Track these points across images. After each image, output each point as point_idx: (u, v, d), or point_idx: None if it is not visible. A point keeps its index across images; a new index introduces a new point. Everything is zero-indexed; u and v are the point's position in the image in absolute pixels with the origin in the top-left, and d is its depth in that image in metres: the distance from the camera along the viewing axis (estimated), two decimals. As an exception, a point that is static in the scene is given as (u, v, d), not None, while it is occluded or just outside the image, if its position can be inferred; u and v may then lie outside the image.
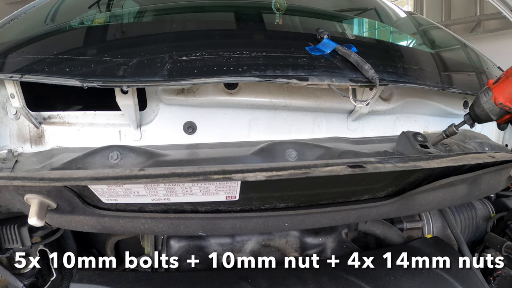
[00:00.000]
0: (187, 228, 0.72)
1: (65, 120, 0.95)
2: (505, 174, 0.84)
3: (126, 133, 0.94)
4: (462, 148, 1.01)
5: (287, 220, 0.75)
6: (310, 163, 0.57)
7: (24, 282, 0.86)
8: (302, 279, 0.77)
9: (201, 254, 0.90)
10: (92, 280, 0.74)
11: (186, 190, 0.61)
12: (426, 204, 0.81)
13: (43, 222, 0.58)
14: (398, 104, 1.05)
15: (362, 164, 0.57)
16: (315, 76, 0.84)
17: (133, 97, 0.84)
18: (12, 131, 0.95)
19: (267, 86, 0.95)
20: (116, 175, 0.53)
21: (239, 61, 0.85)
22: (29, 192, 0.60)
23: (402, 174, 0.71)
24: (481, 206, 1.13)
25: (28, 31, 1.13)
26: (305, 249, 0.95)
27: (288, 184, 0.64)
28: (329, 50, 0.95)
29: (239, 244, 0.93)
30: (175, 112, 0.94)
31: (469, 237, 1.11)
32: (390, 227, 1.00)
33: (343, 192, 0.74)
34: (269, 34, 1.14)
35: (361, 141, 1.00)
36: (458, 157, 0.66)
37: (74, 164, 0.80)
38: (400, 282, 0.78)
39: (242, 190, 0.63)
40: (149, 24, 1.22)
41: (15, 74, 0.81)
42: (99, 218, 0.69)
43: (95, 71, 0.84)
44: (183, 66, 0.84)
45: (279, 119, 0.99)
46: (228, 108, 0.96)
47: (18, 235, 0.84)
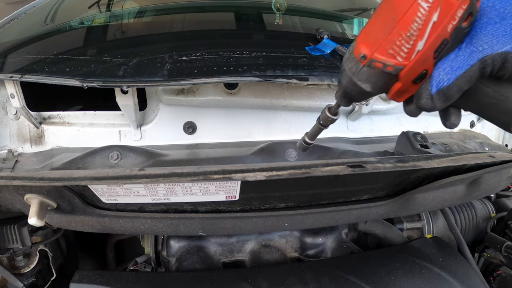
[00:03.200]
0: (187, 228, 0.72)
1: (65, 120, 0.95)
2: (505, 174, 0.84)
3: (126, 133, 0.94)
4: (462, 148, 1.01)
5: (287, 220, 0.75)
6: (310, 163, 0.57)
7: (24, 282, 0.86)
8: (302, 279, 0.77)
9: (201, 254, 0.90)
10: (92, 280, 0.74)
11: (186, 190, 0.61)
12: (426, 204, 0.81)
13: (43, 222, 0.58)
14: (398, 104, 1.05)
15: (362, 164, 0.57)
16: (315, 76, 0.84)
17: (133, 97, 0.84)
18: (12, 131, 0.95)
19: (267, 86, 0.95)
20: (116, 175, 0.53)
21: (239, 61, 0.85)
22: (29, 192, 0.60)
23: (402, 174, 0.71)
24: (481, 206, 1.13)
25: (28, 31, 1.13)
26: (305, 249, 0.95)
27: (288, 184, 0.64)
28: (329, 50, 0.95)
29: (239, 244, 0.93)
30: (175, 112, 0.94)
31: (469, 237, 1.11)
32: (390, 227, 1.00)
33: (343, 192, 0.74)
34: (269, 34, 1.14)
35: (361, 141, 1.00)
36: (458, 157, 0.66)
37: (74, 164, 0.80)
38: (400, 282, 0.78)
39: (242, 190, 0.63)
40: (149, 24, 1.22)
41: (15, 74, 0.81)
42: (99, 218, 0.69)
43: (95, 71, 0.84)
44: (183, 66, 0.84)
45: (279, 119, 0.99)
46: (228, 108, 0.96)
47: (18, 235, 0.84)
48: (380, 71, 0.41)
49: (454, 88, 0.40)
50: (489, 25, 0.39)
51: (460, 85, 0.40)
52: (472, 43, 0.39)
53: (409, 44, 0.38)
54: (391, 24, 0.38)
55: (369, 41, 0.41)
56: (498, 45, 0.38)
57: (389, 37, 0.39)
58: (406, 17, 0.37)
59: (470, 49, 0.39)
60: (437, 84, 0.40)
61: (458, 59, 0.39)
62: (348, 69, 0.44)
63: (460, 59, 0.39)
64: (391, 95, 0.44)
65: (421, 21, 0.37)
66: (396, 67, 0.40)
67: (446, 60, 0.40)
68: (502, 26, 0.38)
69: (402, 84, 0.42)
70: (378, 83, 0.43)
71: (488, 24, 0.39)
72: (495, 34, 0.38)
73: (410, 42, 0.38)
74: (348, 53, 0.44)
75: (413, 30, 0.37)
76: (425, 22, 0.37)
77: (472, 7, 0.37)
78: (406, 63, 0.40)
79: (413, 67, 0.40)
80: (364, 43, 0.42)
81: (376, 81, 0.42)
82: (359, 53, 0.42)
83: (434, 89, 0.40)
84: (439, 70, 0.40)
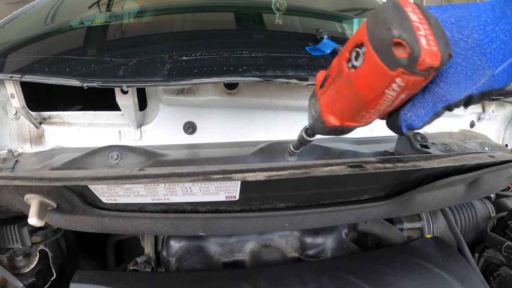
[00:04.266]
0: (187, 228, 0.72)
1: (65, 120, 0.95)
2: (505, 174, 0.84)
3: (126, 133, 0.94)
4: (462, 148, 1.01)
5: (287, 220, 0.75)
6: (310, 163, 0.57)
7: (24, 282, 0.86)
8: (302, 279, 0.77)
9: (201, 254, 0.90)
10: (92, 280, 0.74)
11: (186, 190, 0.61)
12: (426, 204, 0.81)
13: (43, 222, 0.58)
14: (398, 104, 1.05)
15: (362, 164, 0.57)
16: (315, 76, 0.84)
17: (133, 97, 0.84)
18: (12, 131, 0.95)
19: (267, 86, 0.95)
20: (116, 175, 0.53)
21: (239, 61, 0.85)
22: (29, 192, 0.60)
23: (402, 174, 0.71)
24: (481, 206, 1.13)
25: (28, 31, 1.13)
26: (305, 249, 0.95)
27: (288, 184, 0.64)
28: (329, 50, 0.95)
29: (239, 244, 0.93)
30: (175, 112, 0.94)
31: (469, 237, 1.11)
32: (390, 227, 1.00)
33: (343, 192, 0.74)
34: (269, 34, 1.14)
35: (361, 141, 1.00)
36: (458, 157, 0.66)
37: (74, 164, 0.80)
38: (400, 282, 0.78)
39: (242, 190, 0.63)
40: (149, 24, 1.22)
41: (15, 74, 0.81)
42: (99, 218, 0.69)
43: (95, 71, 0.84)
44: (183, 66, 0.84)
45: (279, 119, 0.99)
46: (228, 108, 0.96)
47: (18, 235, 0.84)
48: (349, 129, 0.46)
49: (423, 126, 0.42)
50: (449, 74, 0.38)
51: (428, 123, 0.42)
52: (435, 93, 0.39)
53: (377, 112, 0.41)
54: (357, 104, 0.40)
55: (338, 114, 0.44)
56: (461, 93, 0.39)
57: (356, 112, 0.42)
58: (373, 102, 0.38)
59: (433, 98, 0.40)
60: (406, 125, 0.42)
61: (424, 109, 0.41)
62: (319, 128, 0.48)
63: (425, 109, 0.40)
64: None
65: (390, 102, 0.38)
66: (361, 125, 0.45)
67: (412, 108, 0.41)
68: (463, 71, 0.38)
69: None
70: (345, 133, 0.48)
71: (448, 72, 0.38)
72: (456, 82, 0.38)
73: (379, 111, 0.40)
74: (315, 114, 0.47)
75: (381, 107, 0.39)
76: (394, 100, 0.38)
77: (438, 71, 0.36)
78: (373, 120, 0.44)
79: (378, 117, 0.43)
80: (332, 114, 0.45)
81: (344, 132, 0.47)
82: (330, 123, 0.45)
83: (404, 128, 0.43)
84: (406, 116, 0.42)
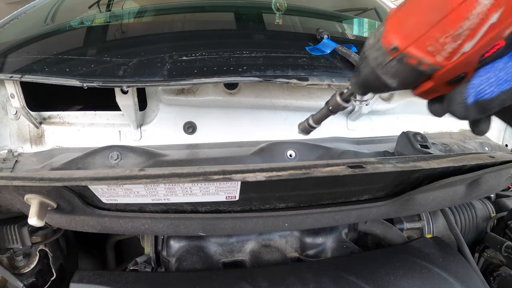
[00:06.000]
0: (187, 228, 0.72)
1: (65, 120, 0.95)
2: (505, 174, 0.84)
3: (126, 133, 0.94)
4: (462, 148, 1.01)
5: (287, 220, 0.75)
6: (310, 163, 0.57)
7: (24, 282, 0.86)
8: (302, 279, 0.77)
9: (201, 254, 0.90)
10: (92, 280, 0.74)
11: (186, 190, 0.61)
12: (426, 204, 0.81)
13: (43, 222, 0.58)
14: (399, 104, 1.05)
15: (362, 164, 0.57)
16: (315, 76, 0.84)
17: (133, 97, 0.84)
18: (12, 131, 0.95)
19: (267, 86, 0.95)
20: (116, 175, 0.53)
21: (239, 61, 0.85)
22: (29, 192, 0.60)
23: (402, 174, 0.71)
24: (481, 206, 1.13)
25: (28, 31, 1.13)
26: (305, 249, 0.95)
27: (288, 185, 0.64)
28: (329, 50, 0.95)
29: (239, 244, 0.93)
30: (175, 112, 0.94)
31: (469, 237, 1.11)
32: (390, 227, 1.00)
33: (343, 192, 0.74)
34: (269, 34, 1.14)
35: (361, 141, 1.00)
36: (458, 157, 0.66)
37: (74, 164, 0.80)
38: (400, 282, 0.78)
39: (242, 190, 0.63)
40: (149, 24, 1.22)
41: (15, 74, 0.81)
42: (99, 218, 0.69)
43: (95, 71, 0.84)
44: (183, 66, 0.84)
45: (279, 119, 0.99)
46: (228, 108, 0.96)
47: (18, 235, 0.84)
48: (412, 68, 0.34)
49: (496, 102, 0.33)
50: None
51: (503, 100, 0.33)
52: None
53: (455, 43, 0.31)
54: (436, 16, 0.31)
55: (404, 31, 0.33)
56: None
57: (431, 31, 0.32)
58: (458, 11, 0.30)
59: None
60: (476, 94, 0.34)
61: (507, 70, 0.32)
62: (372, 59, 0.37)
63: (510, 70, 0.32)
64: (418, 93, 0.38)
65: (477, 20, 0.30)
66: (432, 67, 0.33)
67: (492, 68, 0.33)
68: None
69: (434, 84, 0.36)
70: (407, 79, 0.36)
71: None
72: None
73: (457, 41, 0.31)
74: (373, 39, 0.36)
75: (463, 28, 0.30)
76: (481, 21, 0.30)
77: None
78: (445, 64, 0.33)
79: (452, 69, 0.33)
80: (396, 32, 0.34)
81: (405, 78, 0.36)
82: (390, 43, 0.34)
83: (472, 99, 0.34)
84: (481, 78, 0.33)
